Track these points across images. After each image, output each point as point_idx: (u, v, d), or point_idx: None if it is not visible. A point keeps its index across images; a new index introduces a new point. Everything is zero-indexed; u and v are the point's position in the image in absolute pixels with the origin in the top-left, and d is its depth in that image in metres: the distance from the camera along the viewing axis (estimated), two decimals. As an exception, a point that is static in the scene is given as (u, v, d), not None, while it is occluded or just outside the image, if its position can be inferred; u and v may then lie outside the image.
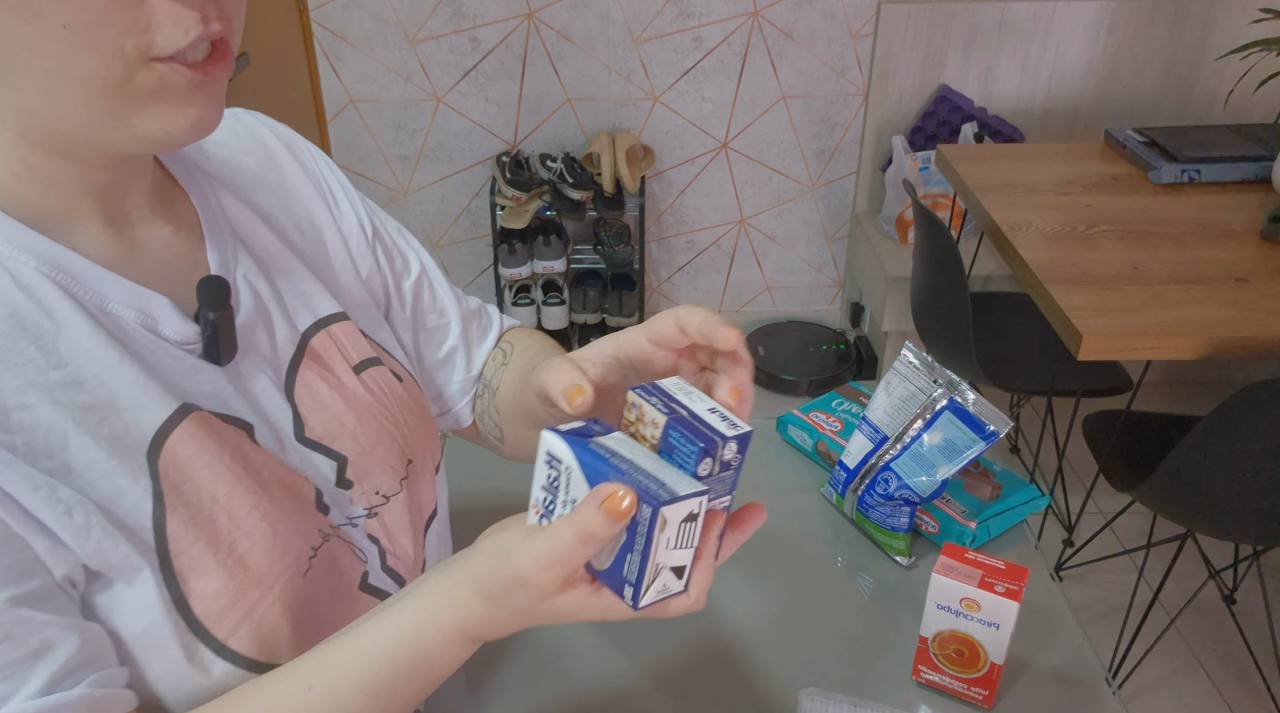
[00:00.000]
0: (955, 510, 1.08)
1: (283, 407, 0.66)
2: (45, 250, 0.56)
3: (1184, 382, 2.98)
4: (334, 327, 0.71)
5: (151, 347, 0.59)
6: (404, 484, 0.72)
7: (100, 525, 0.53)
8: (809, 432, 1.21)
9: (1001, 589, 0.85)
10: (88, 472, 0.54)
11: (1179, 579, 2.14)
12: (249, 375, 0.64)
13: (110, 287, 0.58)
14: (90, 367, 0.55)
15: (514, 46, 2.79)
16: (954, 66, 2.78)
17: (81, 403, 0.54)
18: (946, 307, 2.06)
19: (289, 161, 0.76)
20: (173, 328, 0.60)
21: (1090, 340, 1.63)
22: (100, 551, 0.53)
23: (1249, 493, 1.62)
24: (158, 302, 0.59)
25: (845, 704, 0.87)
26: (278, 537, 0.60)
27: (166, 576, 0.56)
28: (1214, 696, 2.04)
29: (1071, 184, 2.16)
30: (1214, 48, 2.76)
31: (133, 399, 0.56)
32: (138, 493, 0.55)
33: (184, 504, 0.57)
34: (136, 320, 0.58)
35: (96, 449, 0.54)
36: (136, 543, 0.55)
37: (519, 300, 2.95)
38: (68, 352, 0.55)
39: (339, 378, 0.70)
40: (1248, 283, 1.77)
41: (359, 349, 0.72)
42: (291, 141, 0.78)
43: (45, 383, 0.53)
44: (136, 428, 0.56)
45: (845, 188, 3.04)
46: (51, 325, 0.55)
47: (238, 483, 0.59)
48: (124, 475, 0.55)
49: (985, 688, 0.89)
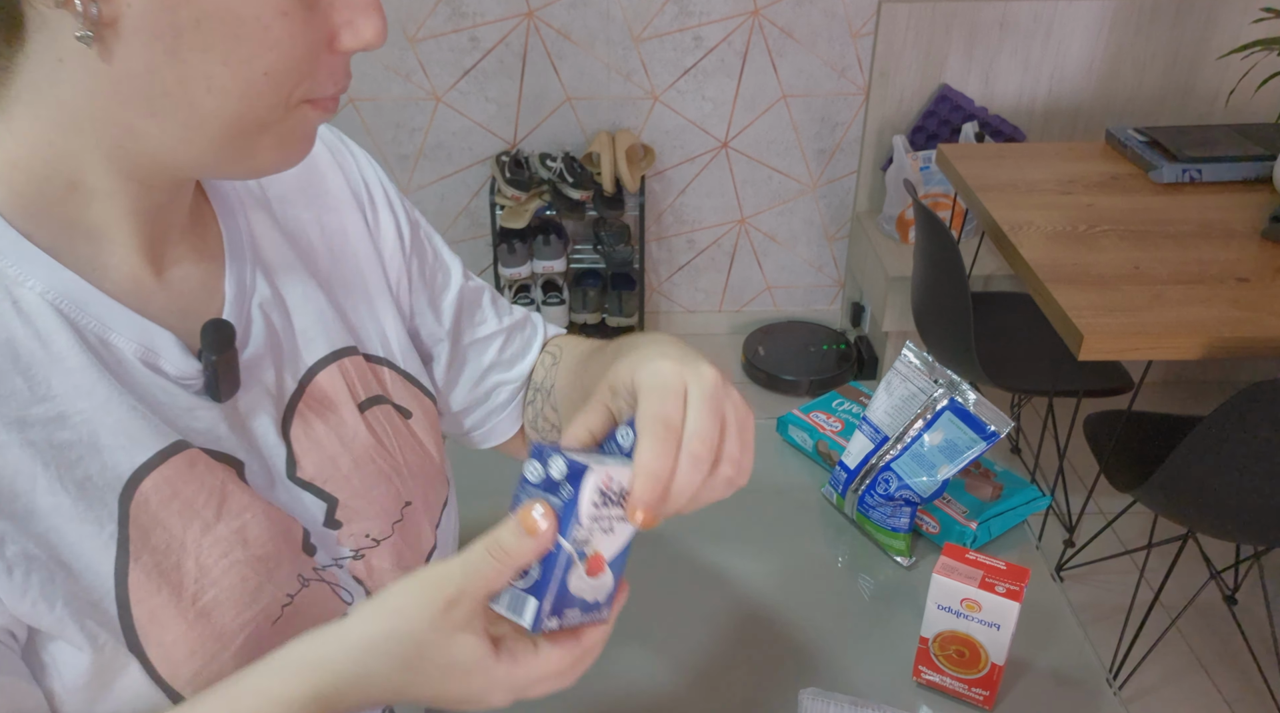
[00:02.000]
0: (956, 511, 1.08)
1: (277, 445, 0.65)
2: (55, 277, 0.54)
3: (1185, 382, 2.98)
4: (345, 361, 0.69)
5: (147, 382, 0.58)
6: (396, 528, 0.70)
7: (39, 586, 0.52)
8: (809, 432, 1.20)
9: (1002, 590, 0.85)
10: (52, 515, 0.53)
11: (1180, 580, 2.13)
12: (247, 412, 0.63)
13: (116, 318, 0.56)
14: (78, 402, 0.54)
15: (514, 45, 2.78)
16: (955, 66, 2.78)
17: (59, 441, 0.53)
18: (947, 307, 2.06)
19: (331, 169, 0.74)
20: (174, 364, 0.59)
21: (1091, 340, 1.63)
22: (34, 612, 0.52)
23: (1250, 493, 1.62)
24: (162, 338, 0.58)
25: (845, 704, 0.87)
26: (246, 587, 0.59)
27: (124, 623, 0.55)
28: (1215, 696, 2.04)
29: (1072, 184, 2.16)
30: (1215, 47, 2.76)
31: (115, 438, 0.55)
32: (103, 539, 0.54)
33: (149, 551, 0.55)
34: (136, 354, 0.57)
35: (64, 493, 0.53)
36: (79, 604, 0.53)
37: (519, 300, 2.95)
38: (58, 385, 0.54)
39: (340, 417, 0.68)
40: (1249, 283, 1.76)
41: (366, 386, 0.70)
42: (336, 147, 0.76)
43: (24, 418, 0.52)
44: (113, 469, 0.55)
45: (846, 187, 3.04)
46: (46, 356, 0.54)
47: (208, 530, 0.58)
48: (89, 521, 0.54)
49: (986, 689, 0.89)
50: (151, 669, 0.56)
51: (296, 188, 0.72)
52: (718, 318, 3.25)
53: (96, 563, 0.54)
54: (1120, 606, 2.17)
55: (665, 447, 0.53)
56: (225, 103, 0.51)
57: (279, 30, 0.50)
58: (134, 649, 0.55)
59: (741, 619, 0.99)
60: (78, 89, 0.51)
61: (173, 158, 0.54)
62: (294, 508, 0.64)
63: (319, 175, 0.74)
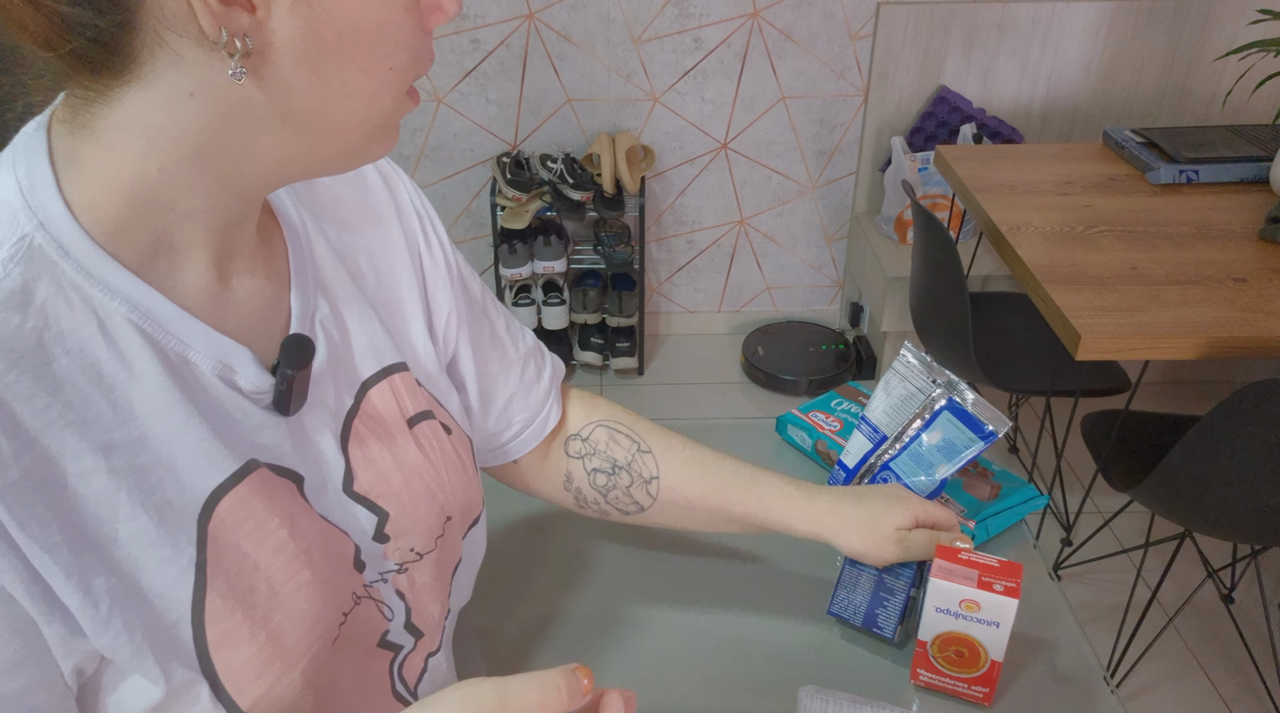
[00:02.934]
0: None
1: (337, 458, 0.65)
2: (138, 296, 0.54)
3: (1182, 382, 2.99)
4: (395, 377, 0.70)
5: (222, 398, 0.58)
6: (438, 542, 0.72)
7: (122, 618, 0.52)
8: (808, 432, 1.21)
9: (1000, 588, 0.85)
10: (134, 542, 0.53)
11: (1177, 579, 2.14)
12: (311, 426, 0.64)
13: (195, 335, 0.56)
14: (157, 425, 0.54)
15: (514, 47, 2.79)
16: (953, 67, 2.79)
17: (140, 464, 0.53)
18: (946, 307, 2.07)
19: (384, 196, 0.75)
20: (249, 380, 0.59)
21: (1089, 340, 1.64)
22: (115, 644, 0.52)
23: (1247, 493, 1.63)
24: (239, 353, 0.58)
25: (845, 702, 0.88)
26: (311, 609, 0.60)
27: (199, 646, 0.55)
28: (1212, 694, 2.05)
29: (1070, 185, 2.17)
30: (1212, 49, 2.77)
31: (194, 460, 0.55)
32: (181, 563, 0.54)
33: (224, 574, 0.56)
34: (214, 370, 0.57)
35: (146, 517, 0.53)
36: (156, 632, 0.54)
37: (519, 300, 2.95)
38: (139, 407, 0.54)
39: (391, 433, 0.69)
40: (1246, 283, 1.77)
41: (415, 401, 0.71)
42: (389, 175, 0.76)
43: (108, 443, 0.52)
44: (191, 490, 0.55)
45: (845, 188, 3.04)
46: (128, 376, 0.53)
47: (280, 551, 0.58)
48: (168, 545, 0.54)
49: (985, 686, 0.90)
50: (221, 691, 0.56)
51: (352, 211, 0.72)
52: (717, 318, 3.25)
53: (173, 589, 0.54)
54: (1118, 604, 2.18)
55: None
56: (357, 107, 0.53)
57: (406, 28, 0.52)
58: (206, 673, 0.55)
59: (741, 618, 1.00)
60: (208, 119, 0.50)
61: (291, 170, 0.55)
62: (346, 522, 0.65)
63: (373, 201, 0.74)
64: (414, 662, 0.73)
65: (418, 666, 0.73)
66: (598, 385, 3.03)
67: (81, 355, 0.52)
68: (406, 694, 0.72)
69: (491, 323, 0.85)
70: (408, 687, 0.72)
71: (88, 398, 0.52)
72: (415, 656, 0.73)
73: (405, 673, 0.72)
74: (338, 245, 0.71)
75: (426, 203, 0.79)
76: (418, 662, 0.73)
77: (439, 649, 0.76)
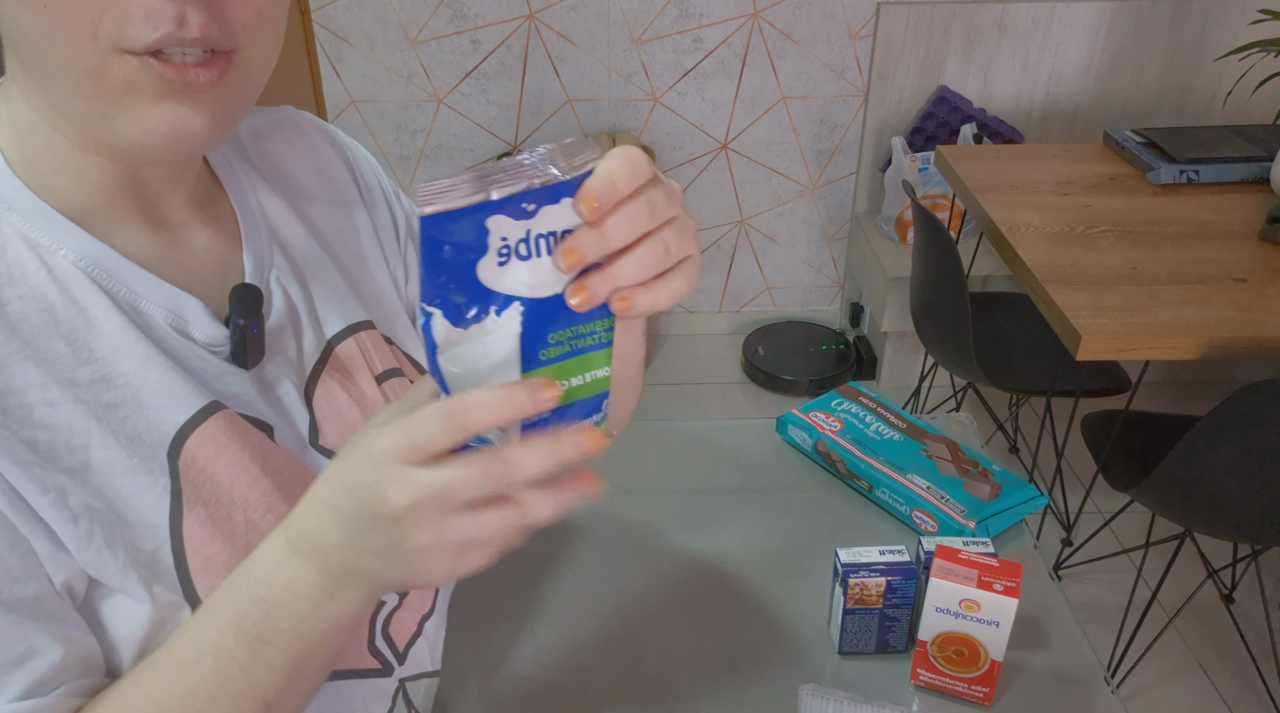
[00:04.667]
0: (954, 510, 1.08)
1: (301, 412, 0.66)
2: (84, 245, 0.56)
3: (1183, 382, 2.99)
4: (361, 334, 0.71)
5: (179, 347, 0.59)
6: None
7: (102, 535, 0.54)
8: (809, 432, 1.21)
9: (1000, 588, 0.85)
10: (109, 470, 0.54)
11: (1177, 579, 2.14)
12: (273, 379, 0.65)
13: (144, 285, 0.58)
14: (119, 364, 0.56)
15: (515, 48, 2.79)
16: (953, 67, 2.79)
17: (106, 401, 0.55)
18: (946, 307, 2.07)
19: (336, 162, 0.77)
20: (202, 330, 0.61)
21: (1089, 340, 1.64)
22: (99, 560, 0.54)
23: (1247, 493, 1.63)
24: (190, 303, 0.60)
25: (844, 701, 0.88)
26: None
27: (181, 573, 0.56)
28: (1212, 695, 2.05)
29: (1070, 185, 2.17)
30: (1213, 49, 2.77)
31: (158, 397, 0.57)
32: (157, 491, 0.56)
33: (202, 503, 0.57)
34: (166, 320, 0.59)
35: (118, 447, 0.55)
36: (137, 555, 0.55)
37: (519, 301, 2.95)
38: (98, 348, 0.55)
39: (360, 387, 0.70)
40: (1246, 283, 1.77)
41: (384, 358, 0.72)
42: (337, 141, 0.78)
43: (72, 380, 0.54)
44: (159, 426, 0.56)
45: (845, 188, 3.04)
46: (84, 321, 0.55)
47: (255, 484, 0.59)
48: (144, 473, 0.55)
49: (985, 686, 0.90)
50: None
51: (307, 178, 0.74)
52: (717, 318, 3.25)
53: (152, 515, 0.55)
54: (1118, 604, 2.18)
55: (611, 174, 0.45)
56: (35, 44, 0.50)
57: None
58: (190, 599, 0.57)
59: (741, 617, 1.00)
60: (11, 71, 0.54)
61: (70, 115, 0.54)
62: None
63: (325, 166, 0.76)
64: (403, 620, 0.73)
65: (409, 626, 0.73)
66: (598, 386, 3.03)
67: (34, 300, 0.54)
68: (388, 653, 0.71)
69: None
70: (394, 646, 0.72)
71: (47, 337, 0.54)
72: (404, 614, 0.73)
73: (392, 631, 0.72)
74: (298, 208, 0.72)
75: (375, 166, 0.80)
76: (408, 622, 0.73)
77: (432, 613, 0.76)
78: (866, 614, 0.94)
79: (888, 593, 0.93)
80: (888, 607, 0.94)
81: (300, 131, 0.76)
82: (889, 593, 0.93)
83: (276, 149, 0.73)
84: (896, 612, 0.94)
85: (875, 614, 0.94)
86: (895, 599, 0.93)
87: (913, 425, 1.21)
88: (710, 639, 0.98)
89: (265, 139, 0.73)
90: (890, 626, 0.95)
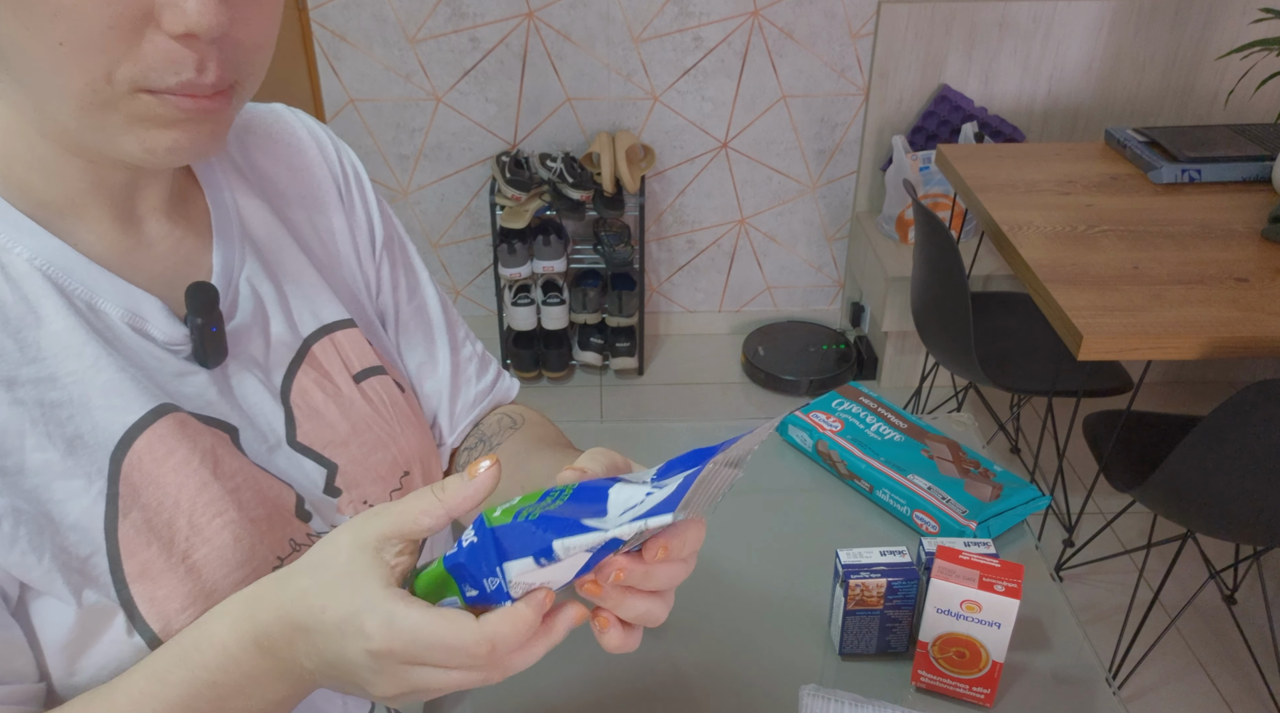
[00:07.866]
0: (955, 511, 1.08)
1: (275, 409, 0.66)
2: (41, 243, 0.56)
3: (1184, 382, 2.98)
4: (338, 334, 0.71)
5: (135, 346, 0.59)
6: (394, 496, 0.71)
7: (28, 538, 0.53)
8: (809, 432, 1.20)
9: (1001, 589, 0.85)
10: (43, 472, 0.54)
11: (1179, 579, 2.14)
12: (238, 379, 0.64)
13: (101, 284, 0.58)
14: (67, 363, 0.56)
15: (514, 46, 2.78)
16: (954, 66, 2.78)
17: (50, 400, 0.55)
18: (947, 307, 2.06)
19: (319, 162, 0.76)
20: (160, 329, 0.60)
21: (1090, 340, 1.63)
22: (23, 564, 0.53)
23: (1249, 493, 1.62)
24: (148, 302, 0.60)
25: (845, 701, 0.87)
26: (239, 546, 0.60)
27: (116, 577, 0.56)
28: (1214, 696, 2.04)
29: (1072, 184, 2.16)
30: (1214, 48, 2.76)
31: (106, 398, 0.56)
32: (92, 494, 0.55)
33: (140, 507, 0.57)
34: (123, 319, 0.59)
35: (52, 449, 0.54)
36: (68, 559, 0.54)
37: (519, 300, 2.95)
38: (46, 347, 0.55)
39: (336, 386, 0.70)
40: (1248, 283, 1.77)
41: (362, 357, 0.72)
42: (325, 142, 0.77)
43: (14, 378, 0.54)
44: (105, 428, 0.56)
45: (845, 188, 3.04)
46: (34, 319, 0.55)
47: (204, 489, 0.59)
48: (79, 476, 0.55)
49: (986, 687, 0.89)
50: (142, 623, 0.57)
51: (290, 177, 0.74)
52: (718, 318, 3.25)
53: (85, 519, 0.55)
54: (1120, 605, 2.17)
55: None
56: (44, 70, 0.50)
57: (90, 6, 0.48)
58: (125, 604, 0.56)
59: (741, 618, 1.00)
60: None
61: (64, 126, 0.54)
62: (294, 474, 0.66)
63: (308, 166, 0.76)
64: None
65: None
66: (597, 386, 3.02)
67: None
68: None
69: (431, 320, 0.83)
70: None
71: None
72: None
73: None
74: (276, 207, 0.72)
75: (360, 171, 0.79)
76: None
77: None
78: (867, 616, 0.94)
79: (888, 594, 0.92)
80: (888, 608, 0.93)
81: (287, 130, 0.75)
82: (890, 594, 0.92)
83: (259, 147, 0.73)
84: (897, 613, 0.94)
85: (876, 615, 0.94)
86: (896, 600, 0.93)
87: (914, 426, 1.21)
88: (710, 640, 0.97)
89: (248, 137, 0.73)
90: (891, 627, 0.94)
